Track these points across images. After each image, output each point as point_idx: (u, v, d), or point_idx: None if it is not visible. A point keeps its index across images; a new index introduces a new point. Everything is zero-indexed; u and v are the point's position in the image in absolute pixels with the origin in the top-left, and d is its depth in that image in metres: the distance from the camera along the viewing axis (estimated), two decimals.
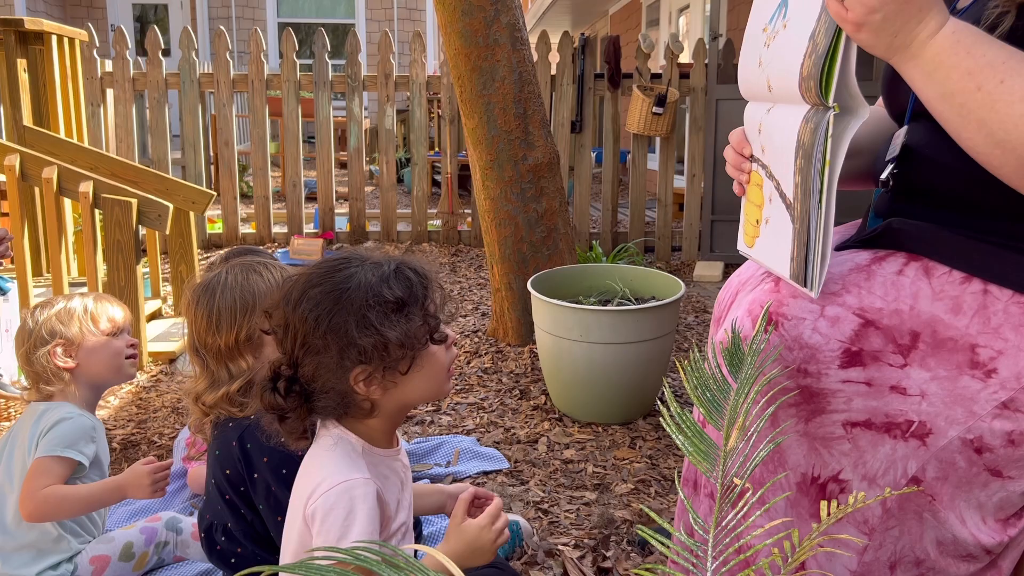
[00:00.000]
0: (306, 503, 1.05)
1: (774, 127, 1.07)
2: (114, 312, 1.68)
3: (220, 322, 1.34)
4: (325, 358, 1.04)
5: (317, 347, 1.04)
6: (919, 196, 1.08)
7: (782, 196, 1.06)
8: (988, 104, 0.87)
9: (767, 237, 1.13)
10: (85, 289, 2.83)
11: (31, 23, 3.28)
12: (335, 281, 1.06)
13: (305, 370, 1.06)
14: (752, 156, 1.17)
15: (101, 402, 2.50)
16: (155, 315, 3.29)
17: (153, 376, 2.75)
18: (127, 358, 1.68)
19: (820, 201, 0.97)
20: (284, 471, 1.25)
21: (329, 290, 1.05)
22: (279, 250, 4.72)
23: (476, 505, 1.17)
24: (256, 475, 1.27)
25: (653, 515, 0.75)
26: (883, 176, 1.10)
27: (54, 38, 3.44)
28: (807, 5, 0.98)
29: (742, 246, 1.23)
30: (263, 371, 1.10)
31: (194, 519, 1.66)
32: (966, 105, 0.88)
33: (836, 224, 1.24)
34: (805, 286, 1.02)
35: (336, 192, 4.95)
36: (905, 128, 1.11)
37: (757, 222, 1.16)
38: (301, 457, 1.13)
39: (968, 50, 0.88)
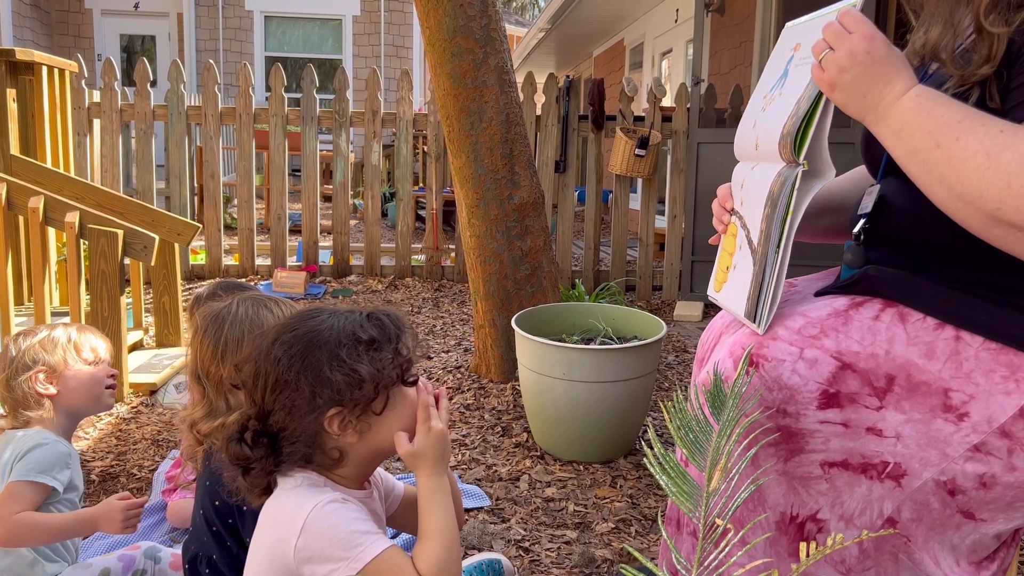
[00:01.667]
0: (292, 553, 1.01)
1: (754, 182, 1.15)
2: (96, 343, 1.70)
3: (226, 353, 1.35)
4: (298, 400, 1.04)
5: (289, 386, 1.04)
6: (894, 245, 1.13)
7: (750, 243, 1.15)
8: (946, 160, 0.93)
9: (732, 282, 1.21)
10: (68, 319, 2.82)
11: (22, 54, 3.30)
12: (309, 326, 1.07)
13: (276, 418, 1.05)
14: (733, 209, 1.25)
15: (81, 433, 2.49)
16: (136, 346, 3.27)
17: (133, 408, 2.73)
18: (106, 388, 1.69)
19: (779, 246, 1.07)
20: None
21: (303, 333, 1.06)
22: (262, 282, 4.72)
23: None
24: (245, 507, 1.27)
25: (636, 554, 0.77)
26: (856, 230, 1.15)
27: (44, 69, 3.46)
28: (803, 76, 1.09)
29: (711, 291, 1.31)
30: (230, 425, 1.09)
31: (173, 550, 1.65)
32: (928, 162, 0.95)
33: (818, 270, 1.31)
34: (754, 322, 1.11)
35: (320, 225, 4.98)
36: (878, 185, 1.17)
37: (727, 268, 1.24)
38: None
39: (929, 111, 0.95)
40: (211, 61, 4.81)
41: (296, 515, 1.02)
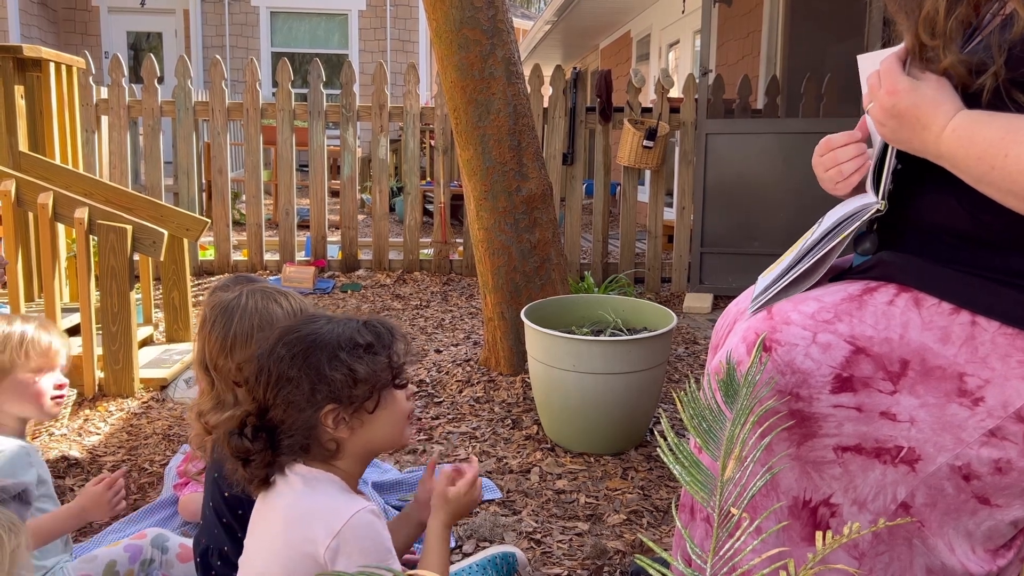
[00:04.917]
0: (322, 552, 1.08)
1: (848, 203, 1.21)
2: (52, 346, 1.60)
3: (235, 345, 1.35)
4: (297, 396, 1.11)
5: (292, 382, 1.11)
6: (911, 232, 1.12)
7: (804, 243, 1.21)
8: (1006, 176, 0.94)
9: (774, 270, 1.25)
10: (78, 315, 2.83)
11: (30, 50, 3.30)
12: (311, 329, 1.16)
13: (275, 413, 1.12)
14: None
15: (91, 428, 2.50)
16: (146, 341, 3.28)
17: (144, 403, 2.74)
18: (53, 399, 1.61)
19: (816, 257, 1.14)
20: None
21: (305, 334, 1.15)
22: (271, 278, 4.72)
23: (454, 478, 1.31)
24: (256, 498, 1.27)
25: (652, 545, 0.76)
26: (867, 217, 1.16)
27: (52, 65, 3.46)
28: None
29: (761, 275, 1.35)
30: (229, 422, 1.17)
31: (182, 540, 1.64)
32: (992, 183, 0.95)
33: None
34: (754, 299, 1.20)
35: (328, 220, 4.98)
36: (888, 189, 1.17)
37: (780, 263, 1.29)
38: None
39: (971, 139, 0.96)
40: (218, 57, 4.81)
41: (333, 517, 1.09)
